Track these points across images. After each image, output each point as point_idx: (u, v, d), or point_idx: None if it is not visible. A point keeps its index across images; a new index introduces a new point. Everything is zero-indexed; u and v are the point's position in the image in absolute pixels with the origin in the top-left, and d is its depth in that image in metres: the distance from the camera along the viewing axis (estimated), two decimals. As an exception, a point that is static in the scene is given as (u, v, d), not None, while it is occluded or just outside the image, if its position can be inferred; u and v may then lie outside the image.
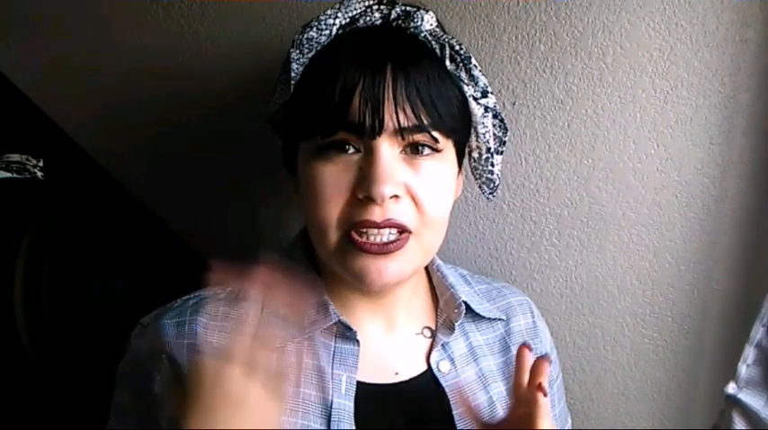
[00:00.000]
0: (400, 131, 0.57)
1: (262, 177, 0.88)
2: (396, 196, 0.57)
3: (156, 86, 0.88)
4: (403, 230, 0.58)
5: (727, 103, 0.78)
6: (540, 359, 0.54)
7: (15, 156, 0.99)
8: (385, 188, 0.56)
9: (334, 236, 0.59)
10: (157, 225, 0.94)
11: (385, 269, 0.58)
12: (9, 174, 0.99)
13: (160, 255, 0.98)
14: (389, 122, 0.56)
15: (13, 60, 0.91)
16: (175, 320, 0.61)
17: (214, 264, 0.53)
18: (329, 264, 0.62)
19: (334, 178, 0.58)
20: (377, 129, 0.56)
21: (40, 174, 1.01)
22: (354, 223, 0.57)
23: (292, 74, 0.60)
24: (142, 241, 0.99)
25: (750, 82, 0.77)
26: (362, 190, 0.56)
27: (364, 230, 0.58)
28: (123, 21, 0.87)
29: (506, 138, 0.67)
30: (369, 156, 0.57)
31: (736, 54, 0.77)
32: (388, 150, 0.57)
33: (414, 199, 0.59)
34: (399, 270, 0.59)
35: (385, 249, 0.58)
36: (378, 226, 0.57)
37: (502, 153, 0.67)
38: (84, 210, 1.01)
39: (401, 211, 0.58)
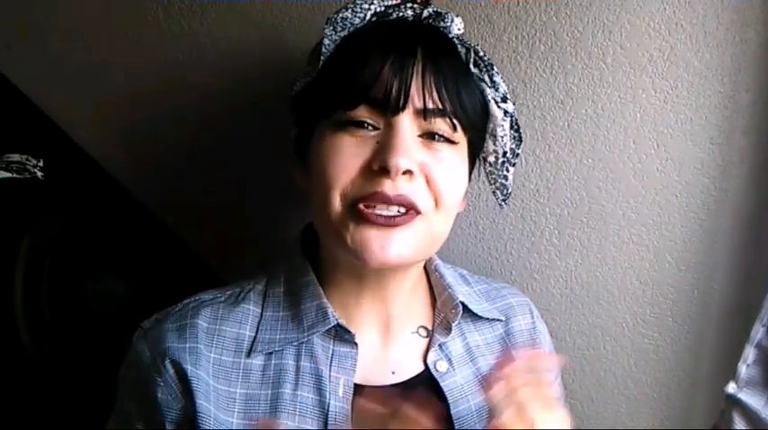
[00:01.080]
0: (423, 112, 0.58)
1: (262, 177, 0.88)
2: (410, 172, 0.57)
3: (156, 86, 0.88)
4: (413, 209, 0.58)
5: (728, 103, 0.78)
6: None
7: (15, 156, 0.99)
8: (401, 160, 0.56)
9: (339, 205, 0.58)
10: (157, 225, 0.94)
11: (388, 242, 0.57)
12: (9, 174, 0.99)
13: (160, 255, 0.98)
14: (415, 99, 0.57)
15: (13, 60, 0.91)
16: (177, 325, 0.61)
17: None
18: (329, 237, 0.61)
19: (350, 149, 0.58)
20: (401, 104, 0.57)
21: (40, 174, 1.01)
22: (364, 195, 0.57)
23: (323, 49, 0.61)
24: (142, 242, 0.99)
25: (750, 82, 0.77)
26: (378, 160, 0.57)
27: (373, 205, 0.57)
28: (123, 21, 0.87)
29: (519, 150, 0.68)
30: (389, 131, 0.58)
31: (736, 54, 0.77)
32: (408, 127, 0.58)
33: (428, 180, 0.59)
34: (402, 246, 0.58)
35: (391, 222, 0.57)
36: (389, 200, 0.57)
37: (515, 164, 0.68)
38: (84, 211, 1.01)
39: (413, 190, 0.58)
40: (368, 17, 0.62)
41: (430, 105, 0.58)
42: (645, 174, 0.82)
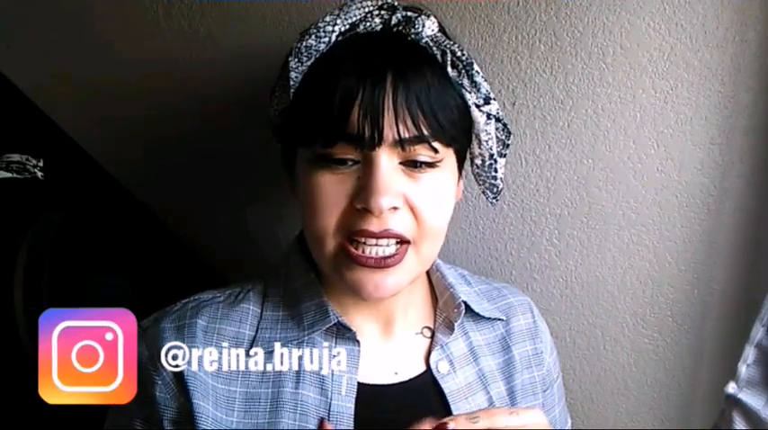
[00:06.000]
0: (400, 142, 0.56)
1: (262, 177, 0.88)
2: (394, 208, 0.57)
3: (156, 86, 0.88)
4: (401, 241, 0.58)
5: (727, 103, 0.78)
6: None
7: (15, 156, 0.99)
8: (383, 200, 0.55)
9: (330, 245, 0.59)
10: (158, 225, 0.94)
11: (382, 283, 0.58)
12: (9, 174, 0.99)
13: (160, 255, 0.98)
14: (389, 134, 0.56)
15: (13, 60, 0.91)
16: (175, 324, 0.61)
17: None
18: (326, 272, 0.62)
19: (332, 188, 0.57)
20: (376, 141, 0.55)
21: (40, 174, 1.01)
22: (351, 232, 0.57)
23: (291, 82, 0.59)
24: (142, 241, 0.99)
25: (750, 82, 0.77)
26: (360, 201, 0.56)
27: (362, 240, 0.57)
28: (123, 21, 0.87)
29: (509, 141, 0.66)
30: (367, 168, 0.57)
31: (736, 54, 0.77)
32: (387, 161, 0.57)
33: (412, 210, 0.58)
34: (397, 283, 0.59)
35: (383, 263, 0.57)
36: (375, 236, 0.57)
37: (505, 156, 0.67)
38: (84, 211, 1.01)
39: (399, 222, 0.57)
40: (333, 39, 0.60)
41: (406, 135, 0.56)
42: (645, 174, 0.82)
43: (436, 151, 0.58)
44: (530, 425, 0.53)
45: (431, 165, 0.58)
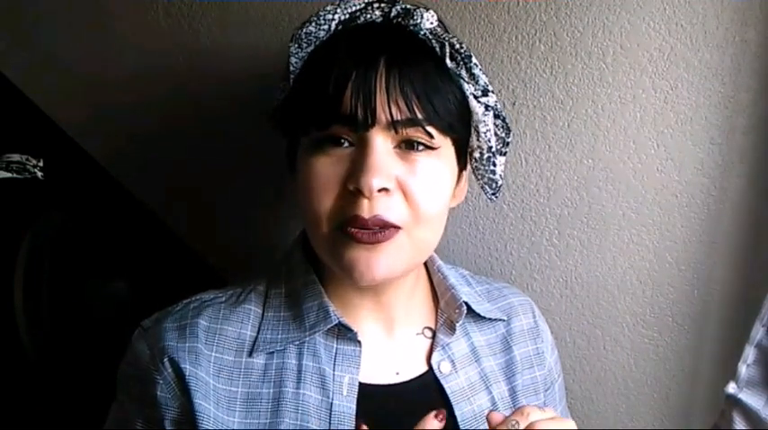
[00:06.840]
0: (393, 125, 0.56)
1: (262, 177, 0.88)
2: (386, 189, 0.56)
3: (156, 86, 0.88)
4: (390, 226, 0.58)
5: (728, 103, 0.78)
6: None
7: (15, 156, 0.99)
8: (374, 180, 0.55)
9: (325, 228, 0.59)
10: (157, 225, 0.94)
11: (375, 262, 0.58)
12: (9, 174, 0.99)
13: (160, 255, 0.98)
14: (382, 115, 0.56)
15: (13, 60, 0.91)
16: (177, 324, 0.61)
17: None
18: (322, 256, 0.62)
19: (326, 170, 0.58)
20: (369, 121, 0.56)
21: (40, 174, 1.01)
22: (346, 218, 0.57)
23: (291, 68, 0.61)
24: (142, 242, 0.99)
25: (750, 82, 0.77)
26: (352, 181, 0.56)
27: (354, 231, 0.57)
28: (123, 20, 0.87)
29: (509, 139, 0.67)
30: (361, 149, 0.57)
31: (736, 54, 0.77)
32: (381, 143, 0.57)
33: (405, 194, 0.58)
34: (389, 265, 0.58)
35: (374, 239, 0.57)
36: (366, 223, 0.56)
37: (505, 154, 0.67)
38: (84, 211, 1.01)
39: (389, 207, 0.57)
40: (333, 27, 0.61)
41: (398, 117, 0.56)
42: (645, 174, 0.82)
43: (431, 136, 0.58)
44: (559, 421, 0.54)
45: (426, 150, 0.58)
